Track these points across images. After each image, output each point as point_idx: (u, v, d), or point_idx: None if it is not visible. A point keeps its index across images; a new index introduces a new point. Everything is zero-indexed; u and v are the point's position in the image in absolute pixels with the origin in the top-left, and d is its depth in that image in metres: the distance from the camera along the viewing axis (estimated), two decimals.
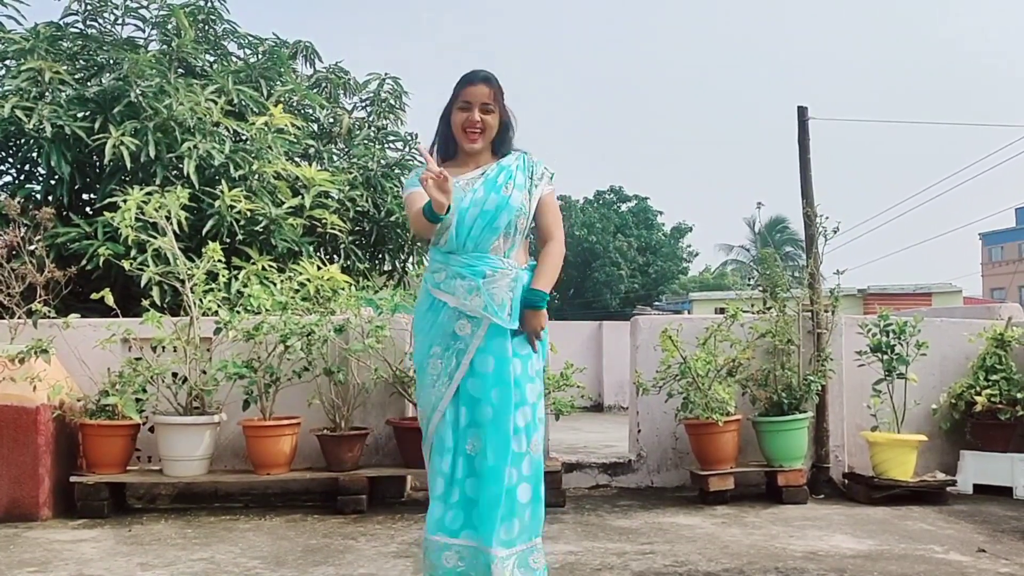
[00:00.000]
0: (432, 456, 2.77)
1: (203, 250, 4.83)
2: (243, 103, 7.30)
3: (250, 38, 8.42)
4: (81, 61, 7.45)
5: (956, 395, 5.11)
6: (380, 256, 8.39)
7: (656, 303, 34.60)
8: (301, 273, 5.68)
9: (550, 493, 4.55)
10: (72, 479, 4.37)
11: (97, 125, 6.39)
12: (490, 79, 2.84)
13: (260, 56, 8.34)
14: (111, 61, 7.09)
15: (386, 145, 8.77)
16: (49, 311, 4.67)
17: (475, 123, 2.80)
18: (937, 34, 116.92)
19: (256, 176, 6.66)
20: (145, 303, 4.88)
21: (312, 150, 7.89)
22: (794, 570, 3.31)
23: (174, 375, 4.58)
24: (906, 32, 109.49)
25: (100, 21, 7.64)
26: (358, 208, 7.62)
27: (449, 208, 2.60)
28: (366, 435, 4.68)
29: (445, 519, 2.69)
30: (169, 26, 7.50)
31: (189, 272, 4.67)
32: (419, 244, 8.33)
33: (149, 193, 4.91)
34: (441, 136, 2.90)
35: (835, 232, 5.19)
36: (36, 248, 5.12)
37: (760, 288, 5.28)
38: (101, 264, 5.50)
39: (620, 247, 40.28)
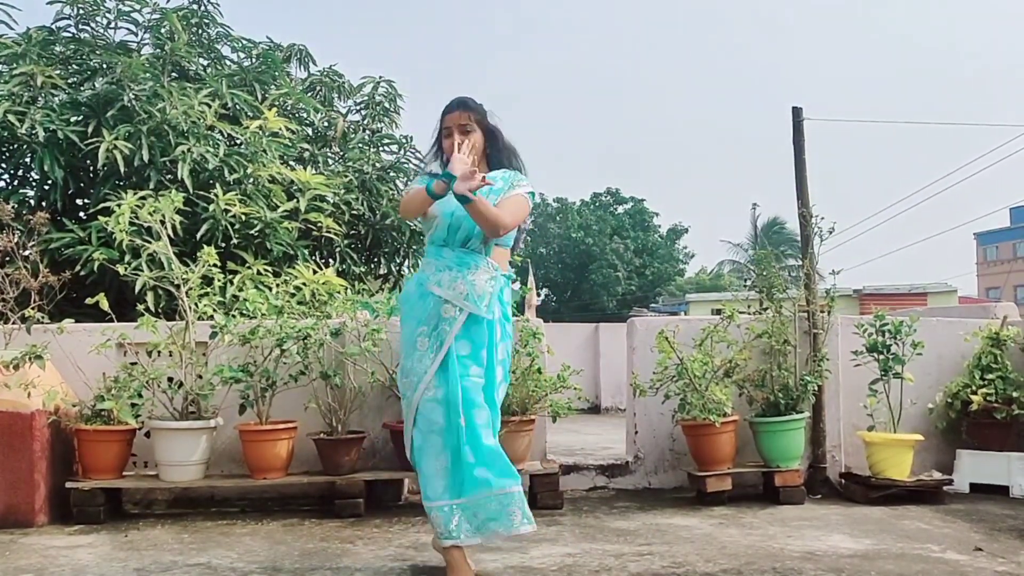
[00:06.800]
0: (428, 437, 3.12)
1: (198, 254, 4.81)
2: (237, 107, 7.29)
3: (244, 42, 8.41)
4: (74, 65, 7.43)
5: (952, 394, 5.12)
6: (376, 259, 8.38)
7: (653, 305, 34.66)
8: (296, 277, 5.67)
9: (548, 495, 4.60)
10: (68, 485, 4.34)
11: (90, 129, 6.37)
12: (465, 103, 3.29)
13: (254, 60, 8.33)
14: (104, 65, 7.07)
15: (381, 148, 8.76)
16: (43, 316, 4.65)
17: (457, 147, 3.17)
18: (933, 34, 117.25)
19: (251, 180, 6.65)
20: (140, 308, 4.87)
21: (307, 154, 7.88)
22: (792, 570, 3.31)
23: (170, 380, 4.56)
24: (902, 32, 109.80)
25: (92, 25, 7.61)
26: (353, 212, 7.62)
27: (449, 190, 3.00)
28: (363, 439, 4.68)
29: (449, 484, 3.06)
30: (162, 30, 7.49)
31: (184, 276, 4.65)
32: (414, 247, 8.34)
33: (143, 197, 4.89)
34: (438, 157, 3.35)
35: (831, 233, 5.19)
36: (30, 253, 5.10)
37: (756, 289, 5.29)
38: (95, 269, 5.49)
39: (616, 249, 40.33)
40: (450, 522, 3.04)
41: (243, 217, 6.26)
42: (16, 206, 5.84)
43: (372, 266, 8.32)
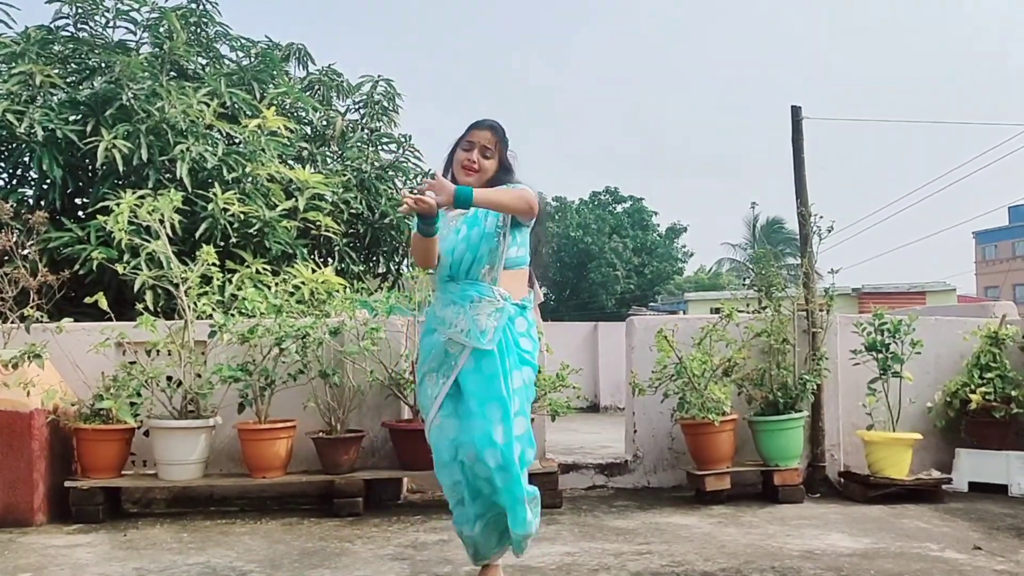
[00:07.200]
0: (439, 470, 3.06)
1: (197, 253, 4.82)
2: (236, 106, 7.29)
3: (242, 41, 8.41)
4: (72, 64, 7.43)
5: (951, 393, 5.12)
6: (374, 258, 8.38)
7: (652, 304, 34.65)
8: (295, 276, 5.67)
9: (547, 494, 4.56)
10: (67, 484, 4.34)
11: (89, 128, 6.37)
12: (495, 127, 3.15)
13: (253, 59, 8.34)
14: (103, 64, 7.07)
15: (379, 147, 8.76)
16: (42, 316, 4.66)
17: (472, 163, 3.09)
18: (931, 34, 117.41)
19: (249, 179, 6.65)
20: (139, 307, 4.87)
21: (305, 152, 7.88)
22: (791, 569, 3.31)
23: (169, 379, 4.57)
24: (900, 32, 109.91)
25: (91, 24, 7.62)
26: (352, 210, 7.62)
27: (438, 215, 2.88)
28: (362, 438, 4.68)
29: (468, 513, 3.02)
30: (161, 29, 7.49)
31: (183, 275, 4.65)
32: None
33: (142, 196, 4.90)
34: (445, 170, 3.20)
35: (829, 231, 5.20)
36: (29, 252, 5.10)
37: (755, 288, 5.29)
38: (94, 268, 5.49)
39: (615, 248, 40.30)
40: (478, 543, 3.05)
41: (242, 216, 6.26)
42: (15, 205, 5.84)
43: (371, 265, 8.32)
